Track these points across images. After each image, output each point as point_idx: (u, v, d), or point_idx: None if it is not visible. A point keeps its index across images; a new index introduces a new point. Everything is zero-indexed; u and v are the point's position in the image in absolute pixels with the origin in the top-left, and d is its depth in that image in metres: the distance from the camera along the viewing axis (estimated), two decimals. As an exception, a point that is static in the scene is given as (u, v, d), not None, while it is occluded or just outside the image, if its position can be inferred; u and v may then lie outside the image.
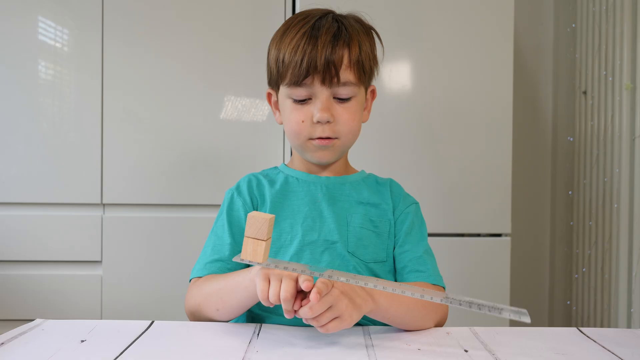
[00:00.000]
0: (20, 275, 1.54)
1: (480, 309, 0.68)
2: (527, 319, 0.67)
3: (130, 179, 1.55)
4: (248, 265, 0.93)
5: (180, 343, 0.75)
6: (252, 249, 0.70)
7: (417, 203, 1.00)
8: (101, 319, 1.53)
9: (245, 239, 0.70)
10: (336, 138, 0.91)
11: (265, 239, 0.69)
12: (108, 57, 1.55)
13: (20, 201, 1.54)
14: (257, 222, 0.69)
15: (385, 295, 0.78)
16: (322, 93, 0.88)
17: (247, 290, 0.78)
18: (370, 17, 0.97)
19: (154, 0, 1.56)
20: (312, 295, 0.69)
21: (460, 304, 0.69)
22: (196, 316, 0.88)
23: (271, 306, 0.73)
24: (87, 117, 1.55)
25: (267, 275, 0.72)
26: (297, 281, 0.71)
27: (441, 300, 0.70)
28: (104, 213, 1.56)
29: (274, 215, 0.70)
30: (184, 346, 0.74)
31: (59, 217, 1.54)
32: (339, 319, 0.73)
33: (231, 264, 0.90)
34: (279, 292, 0.70)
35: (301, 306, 0.71)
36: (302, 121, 0.90)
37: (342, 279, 0.71)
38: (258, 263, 0.70)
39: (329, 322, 0.72)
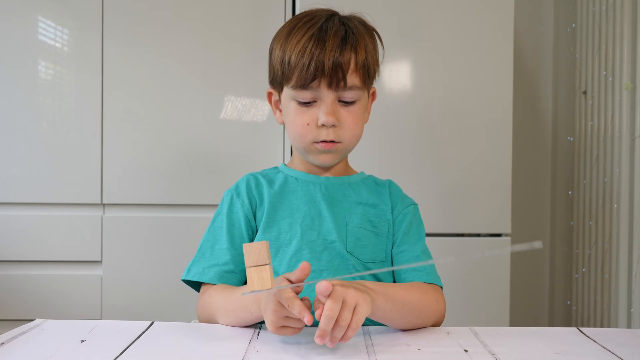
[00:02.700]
0: (20, 275, 1.54)
1: (491, 253, 0.68)
2: (539, 245, 0.63)
3: (130, 179, 1.55)
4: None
5: (180, 343, 0.75)
6: (258, 278, 0.68)
7: (415, 204, 1.00)
8: (101, 319, 1.53)
9: (247, 270, 0.69)
10: (339, 142, 0.91)
11: (268, 263, 0.68)
12: (108, 57, 1.55)
13: (20, 201, 1.54)
14: (255, 249, 0.68)
15: (381, 293, 0.77)
16: (327, 96, 0.88)
17: (256, 316, 0.79)
18: (371, 18, 0.97)
19: (154, 0, 1.56)
20: (322, 285, 0.68)
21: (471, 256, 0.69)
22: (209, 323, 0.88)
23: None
24: (87, 117, 1.55)
25: (276, 324, 0.72)
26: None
27: (455, 258, 0.70)
28: (104, 213, 1.56)
29: (267, 241, 0.69)
30: (184, 346, 0.74)
31: (59, 217, 1.54)
32: (359, 306, 0.70)
33: (228, 267, 0.90)
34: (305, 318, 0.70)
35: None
36: (307, 124, 0.89)
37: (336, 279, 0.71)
38: (267, 290, 0.69)
39: (353, 316, 0.69)
